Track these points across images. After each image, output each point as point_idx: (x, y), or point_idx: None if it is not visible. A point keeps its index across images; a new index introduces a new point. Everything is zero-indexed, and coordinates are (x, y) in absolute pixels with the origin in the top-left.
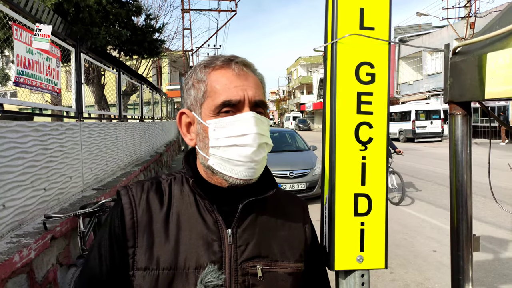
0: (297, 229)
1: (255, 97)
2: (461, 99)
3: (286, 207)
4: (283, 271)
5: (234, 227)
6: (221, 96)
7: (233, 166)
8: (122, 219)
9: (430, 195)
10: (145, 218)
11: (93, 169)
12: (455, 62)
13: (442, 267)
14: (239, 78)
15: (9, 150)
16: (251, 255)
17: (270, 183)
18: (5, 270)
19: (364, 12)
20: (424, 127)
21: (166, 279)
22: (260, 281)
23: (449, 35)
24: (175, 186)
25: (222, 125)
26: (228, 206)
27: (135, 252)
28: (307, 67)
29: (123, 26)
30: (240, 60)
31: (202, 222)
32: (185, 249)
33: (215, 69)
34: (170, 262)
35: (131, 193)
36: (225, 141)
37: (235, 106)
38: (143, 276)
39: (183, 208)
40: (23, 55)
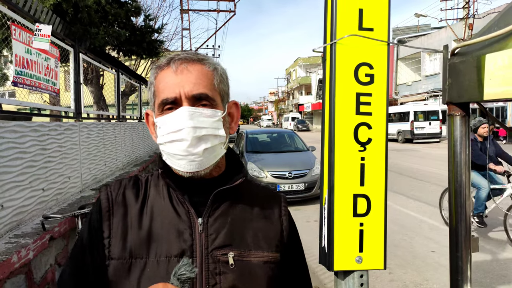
0: (273, 220)
1: (193, 91)
2: (459, 100)
3: (262, 199)
4: (256, 260)
5: (205, 216)
6: (161, 95)
7: (177, 160)
8: (99, 212)
9: (428, 196)
10: (120, 211)
11: (92, 170)
12: (453, 63)
13: (440, 268)
14: (177, 75)
15: (8, 150)
16: (222, 243)
17: (239, 173)
18: (3, 270)
19: (363, 13)
20: (423, 128)
21: (138, 268)
22: (232, 269)
23: (447, 36)
24: (151, 182)
25: (164, 122)
26: (199, 197)
27: (110, 242)
28: (306, 67)
29: (122, 26)
30: (182, 56)
31: (174, 212)
32: (157, 239)
33: (161, 69)
34: (142, 251)
35: (109, 189)
36: (166, 137)
37: (175, 103)
38: (116, 265)
39: (157, 201)
40: (22, 55)
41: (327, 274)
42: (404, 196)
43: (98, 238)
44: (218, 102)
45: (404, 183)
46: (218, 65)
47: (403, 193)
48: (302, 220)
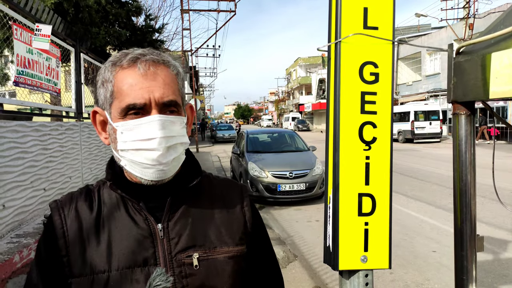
0: (235, 212)
1: (163, 98)
2: (464, 98)
3: (223, 192)
4: (222, 257)
5: (165, 221)
6: (126, 98)
7: (142, 169)
8: (52, 231)
9: (429, 196)
10: (74, 227)
11: (93, 169)
12: (458, 62)
13: (442, 268)
14: (146, 79)
15: (9, 150)
16: (186, 245)
17: (196, 171)
18: (5, 270)
19: (368, 11)
20: (423, 128)
21: (101, 282)
22: (197, 270)
23: (448, 36)
24: (104, 191)
25: (129, 128)
26: (156, 202)
27: (69, 260)
28: (306, 67)
29: (123, 26)
30: (148, 58)
31: (132, 222)
32: (118, 251)
33: (122, 68)
34: (104, 265)
35: (60, 205)
36: (133, 144)
37: (142, 108)
38: (79, 283)
39: (113, 211)
40: (23, 55)
41: (329, 274)
42: (404, 196)
43: (55, 258)
44: (182, 107)
45: (404, 183)
46: (179, 67)
47: (404, 193)
48: (303, 220)
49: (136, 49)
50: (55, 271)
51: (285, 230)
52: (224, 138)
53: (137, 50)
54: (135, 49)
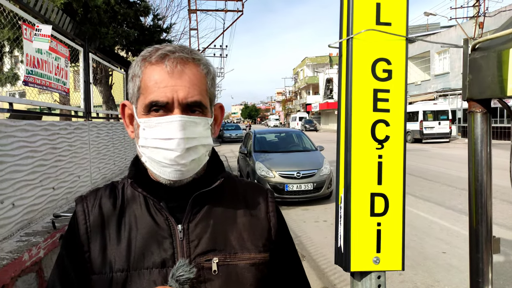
0: (260, 217)
1: (188, 98)
2: (480, 96)
3: (247, 196)
4: (243, 263)
5: (185, 223)
6: (150, 95)
7: (160, 167)
8: (76, 226)
9: (439, 196)
10: (97, 223)
11: (101, 168)
12: (474, 59)
13: (452, 269)
14: (171, 77)
15: (19, 149)
16: (205, 249)
17: (219, 173)
18: (15, 268)
19: (381, 7)
20: (432, 128)
21: (120, 281)
22: (216, 275)
23: (457, 35)
24: (128, 189)
25: (151, 125)
26: (178, 202)
27: (90, 257)
28: (313, 67)
29: (131, 26)
30: (177, 55)
31: (152, 221)
32: (137, 250)
33: (150, 64)
34: (123, 264)
35: (85, 201)
36: (153, 142)
37: (165, 107)
38: (98, 280)
39: (135, 210)
40: (33, 54)
41: (337, 274)
42: (413, 197)
43: (78, 254)
44: (208, 108)
45: (413, 183)
46: (210, 66)
47: (413, 193)
48: (310, 220)
49: (168, 44)
50: (77, 266)
51: (292, 230)
52: (231, 138)
53: (168, 46)
54: (167, 45)
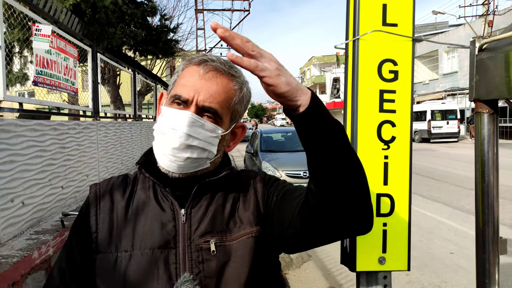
0: (249, 194)
1: (205, 102)
2: (487, 97)
3: (244, 181)
4: (237, 241)
5: (188, 208)
6: (178, 89)
7: (162, 154)
8: (87, 208)
9: (446, 196)
10: (107, 206)
11: (109, 168)
12: (481, 59)
13: (460, 270)
14: (200, 80)
15: (28, 148)
16: (204, 231)
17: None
18: (25, 266)
19: (387, 8)
20: (440, 127)
21: (124, 260)
22: (214, 255)
23: (466, 34)
24: (139, 179)
25: (167, 113)
26: (183, 191)
27: (97, 237)
28: (320, 66)
29: (139, 26)
30: (214, 64)
31: (158, 206)
32: (142, 231)
33: (191, 64)
34: (128, 244)
35: (98, 186)
36: (162, 128)
37: (185, 103)
38: (103, 259)
39: (143, 196)
40: (42, 55)
41: (344, 274)
42: (420, 197)
43: (86, 233)
44: (225, 121)
45: (421, 183)
46: (245, 86)
47: (420, 193)
48: None
49: (216, 55)
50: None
51: None
52: None
53: (214, 57)
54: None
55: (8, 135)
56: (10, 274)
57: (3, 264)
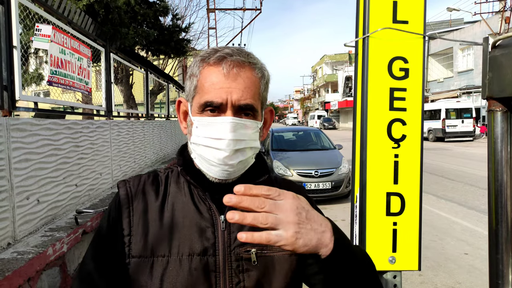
0: None
1: (240, 101)
2: (501, 94)
3: None
4: (279, 254)
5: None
6: (206, 95)
7: (209, 165)
8: (119, 209)
9: (461, 196)
10: (140, 207)
11: (122, 166)
12: (494, 56)
13: (474, 271)
14: (227, 79)
15: (43, 147)
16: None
17: (263, 170)
18: (40, 262)
19: (398, 5)
20: (455, 126)
21: (161, 266)
22: (255, 266)
23: (481, 31)
24: (172, 178)
25: (203, 124)
26: (221, 194)
27: (131, 240)
28: (332, 65)
29: (151, 26)
30: (234, 59)
31: (196, 210)
32: (179, 237)
33: (208, 65)
34: (164, 249)
35: (128, 185)
36: (203, 140)
37: (219, 108)
38: (138, 264)
39: (178, 198)
40: (56, 55)
41: None
42: (434, 196)
43: (118, 236)
44: (259, 111)
45: (435, 182)
46: (265, 70)
47: (434, 193)
48: None
49: (226, 47)
50: (114, 249)
51: None
52: None
53: (227, 49)
54: (225, 47)
55: (23, 134)
56: (26, 270)
57: (19, 260)
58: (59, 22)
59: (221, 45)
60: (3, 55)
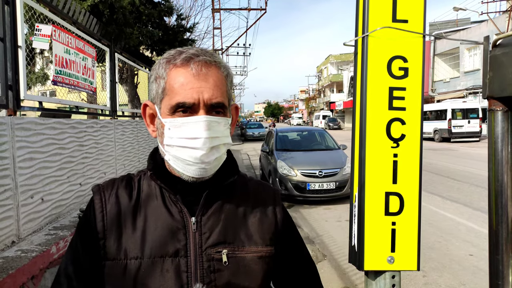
0: (267, 214)
1: (212, 99)
2: (501, 94)
3: (256, 194)
4: (250, 256)
5: (198, 215)
6: (177, 96)
7: (185, 165)
8: (93, 213)
9: (466, 197)
10: (113, 211)
11: (126, 165)
12: (495, 55)
13: (479, 272)
14: (197, 79)
15: (48, 146)
16: (216, 241)
17: (233, 171)
18: (44, 260)
19: (397, 4)
20: (461, 127)
21: (134, 268)
22: (226, 266)
23: (488, 30)
24: (144, 181)
25: (176, 125)
26: (192, 196)
27: (105, 243)
28: (337, 65)
29: (155, 26)
30: (201, 59)
31: (167, 212)
32: (151, 239)
33: (175, 66)
34: (137, 251)
35: (102, 189)
36: (178, 141)
37: (191, 108)
38: (112, 266)
39: (150, 201)
40: (61, 55)
41: (359, 275)
42: (439, 197)
43: (92, 239)
44: (228, 108)
45: (440, 183)
46: (229, 69)
47: (439, 193)
48: (332, 220)
49: (190, 48)
50: (90, 252)
51: (314, 229)
52: (253, 136)
53: (191, 50)
54: (189, 48)
55: (28, 133)
56: (30, 268)
57: (23, 258)
58: (64, 22)
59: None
60: (8, 55)
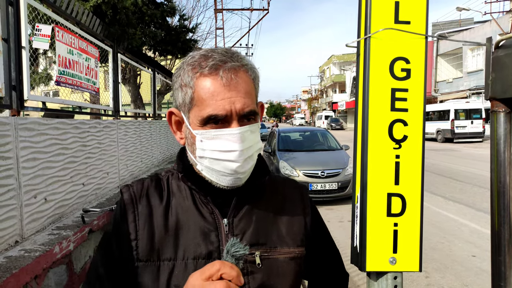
0: (297, 213)
1: (244, 109)
2: (504, 95)
3: (285, 193)
4: (283, 257)
5: (230, 217)
6: (208, 108)
7: (220, 176)
8: (124, 214)
9: (469, 198)
10: (145, 212)
11: (129, 166)
12: (498, 57)
13: (482, 273)
14: (228, 89)
15: (51, 146)
16: (249, 243)
17: (263, 170)
18: (47, 260)
19: (400, 5)
20: (464, 127)
21: (167, 269)
22: (259, 268)
23: (492, 30)
24: (172, 182)
25: (209, 137)
26: (223, 198)
27: (137, 244)
28: (340, 65)
29: (158, 26)
30: (229, 66)
31: (199, 214)
32: (184, 241)
33: (203, 75)
34: (170, 253)
35: (132, 190)
36: (212, 154)
37: (223, 119)
38: (145, 268)
39: (181, 202)
40: (64, 55)
41: (361, 275)
42: (442, 198)
43: (124, 240)
44: (258, 113)
45: (442, 184)
46: (255, 68)
47: (442, 194)
48: (335, 220)
49: (213, 50)
50: (122, 253)
51: None
52: None
53: (216, 53)
54: (213, 51)
55: (31, 133)
56: (33, 268)
57: (26, 258)
58: (67, 23)
59: (228, 45)
60: (12, 56)
